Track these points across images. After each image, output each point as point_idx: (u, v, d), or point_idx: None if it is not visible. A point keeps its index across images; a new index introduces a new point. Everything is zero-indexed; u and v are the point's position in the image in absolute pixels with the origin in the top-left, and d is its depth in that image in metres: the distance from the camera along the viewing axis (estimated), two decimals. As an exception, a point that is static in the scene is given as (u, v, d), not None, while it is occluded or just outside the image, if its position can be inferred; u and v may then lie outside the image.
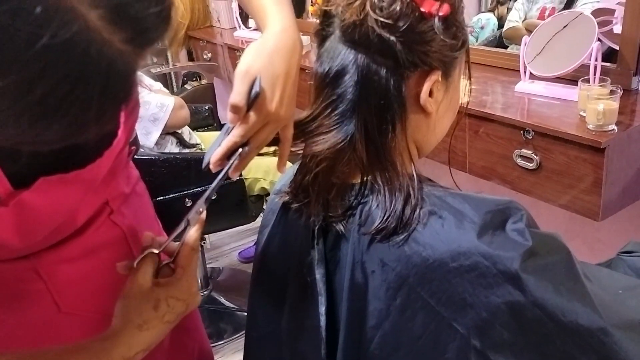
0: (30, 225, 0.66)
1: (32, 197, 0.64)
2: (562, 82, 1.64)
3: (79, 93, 0.42)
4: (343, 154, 0.73)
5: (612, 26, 1.62)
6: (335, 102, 0.73)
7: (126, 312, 0.68)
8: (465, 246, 0.65)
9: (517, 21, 2.46)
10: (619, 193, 1.41)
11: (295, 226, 0.80)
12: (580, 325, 0.64)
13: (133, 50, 0.44)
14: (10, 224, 0.64)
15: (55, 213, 0.69)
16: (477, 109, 1.58)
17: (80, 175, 0.69)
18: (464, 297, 0.65)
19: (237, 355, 2.26)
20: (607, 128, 1.35)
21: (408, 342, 0.68)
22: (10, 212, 0.63)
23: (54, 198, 0.67)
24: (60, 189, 0.67)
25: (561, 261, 0.67)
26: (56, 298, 0.76)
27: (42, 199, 0.65)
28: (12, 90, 0.39)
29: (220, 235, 2.86)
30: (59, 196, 0.68)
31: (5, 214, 0.63)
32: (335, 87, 0.73)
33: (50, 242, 0.75)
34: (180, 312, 0.71)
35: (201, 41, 3.33)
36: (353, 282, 0.72)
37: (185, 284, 0.71)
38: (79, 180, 0.70)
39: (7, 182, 0.63)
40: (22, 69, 0.39)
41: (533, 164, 1.47)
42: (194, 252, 0.72)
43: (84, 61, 0.41)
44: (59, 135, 0.44)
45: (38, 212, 0.66)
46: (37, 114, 0.41)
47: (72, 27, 0.39)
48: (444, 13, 0.69)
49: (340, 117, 0.73)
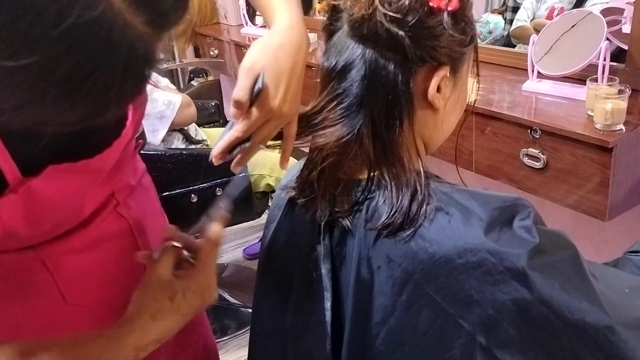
0: (38, 213, 0.66)
1: (41, 185, 0.64)
2: (570, 81, 1.63)
3: (102, 73, 0.43)
4: (349, 149, 0.72)
5: (621, 26, 1.61)
6: (341, 96, 0.73)
7: (142, 300, 0.69)
8: (472, 243, 0.65)
9: (525, 20, 2.45)
10: (626, 193, 1.40)
11: (301, 222, 0.80)
12: (587, 323, 0.64)
13: (152, 32, 0.45)
14: (19, 212, 0.64)
15: (62, 202, 0.70)
16: (484, 107, 1.57)
17: (89, 165, 0.70)
18: (470, 294, 0.65)
19: (241, 351, 2.26)
20: (615, 128, 1.34)
21: (413, 338, 0.68)
22: (19, 200, 0.63)
23: (62, 187, 0.68)
24: (68, 178, 0.68)
25: (568, 259, 0.67)
26: (62, 289, 0.76)
27: (50, 188, 0.66)
28: (38, 68, 0.40)
29: (225, 232, 2.86)
30: (67, 186, 0.68)
31: (14, 201, 0.63)
32: (341, 81, 0.73)
33: (57, 233, 0.75)
34: (196, 306, 0.71)
35: (208, 38, 3.33)
36: (359, 278, 0.72)
37: (204, 278, 0.72)
38: (87, 171, 0.70)
39: (17, 169, 0.63)
40: (48, 46, 0.40)
41: (540, 163, 1.47)
42: (215, 247, 0.73)
43: (108, 41, 0.42)
44: (81, 114, 0.45)
45: (46, 201, 0.66)
46: (62, 92, 0.42)
47: (98, 7, 0.40)
48: (453, 8, 0.68)
49: (345, 111, 0.73)
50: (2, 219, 0.63)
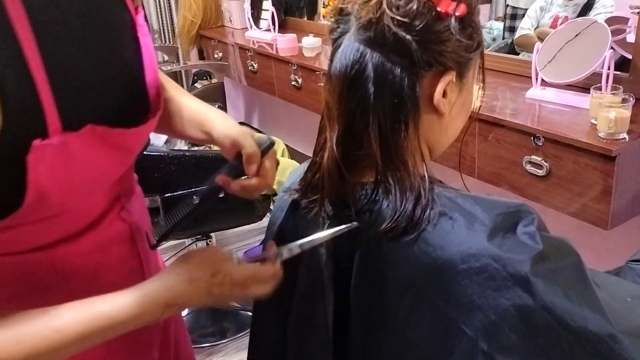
0: (67, 173, 0.66)
1: (77, 144, 0.66)
2: (573, 89, 1.63)
3: None
4: (354, 152, 0.72)
5: (626, 35, 1.61)
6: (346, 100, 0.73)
7: (189, 260, 0.72)
8: (475, 248, 0.65)
9: (529, 29, 2.46)
10: (629, 202, 1.40)
11: (304, 224, 0.80)
12: (589, 331, 0.63)
13: None
14: (52, 166, 0.64)
15: (90, 171, 0.70)
16: (488, 114, 1.57)
17: (124, 136, 0.72)
18: (473, 299, 0.65)
19: (240, 354, 2.26)
20: (619, 136, 1.34)
21: (415, 343, 0.68)
22: (54, 153, 0.64)
23: (94, 155, 0.69)
24: (102, 147, 0.69)
25: (571, 266, 0.67)
26: (70, 293, 0.76)
27: (84, 149, 0.67)
28: None
29: (226, 235, 2.87)
30: (99, 155, 0.70)
31: (50, 153, 0.63)
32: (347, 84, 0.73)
33: (70, 229, 0.76)
34: (226, 295, 0.73)
35: (212, 40, 3.34)
36: (362, 282, 0.72)
37: (250, 276, 0.73)
38: (120, 145, 0.73)
39: (59, 120, 0.64)
40: None
41: (542, 171, 1.47)
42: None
43: None
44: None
45: (78, 161, 0.67)
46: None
47: None
48: (460, 13, 0.68)
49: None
50: (37, 174, 0.63)
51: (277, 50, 2.65)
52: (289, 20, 3.17)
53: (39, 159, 0.62)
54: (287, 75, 2.56)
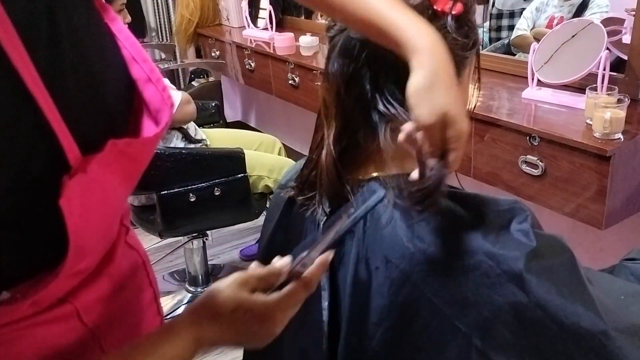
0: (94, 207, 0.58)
1: (100, 168, 0.56)
2: (569, 89, 1.64)
3: None
4: (350, 149, 0.73)
5: (621, 36, 1.62)
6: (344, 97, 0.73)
7: (213, 297, 0.63)
8: (469, 245, 0.65)
9: (525, 29, 2.46)
10: (623, 202, 1.41)
11: (300, 220, 0.80)
12: (582, 328, 0.64)
13: None
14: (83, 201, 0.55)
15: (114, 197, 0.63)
16: (484, 113, 1.58)
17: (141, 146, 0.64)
18: (467, 296, 0.65)
19: (235, 351, 2.25)
20: (614, 137, 1.35)
21: (410, 339, 0.69)
22: (82, 183, 0.54)
23: (115, 175, 0.60)
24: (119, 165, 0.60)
25: (565, 263, 0.67)
26: (102, 342, 0.69)
27: (106, 173, 0.58)
28: None
29: (222, 233, 2.87)
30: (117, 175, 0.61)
31: (78, 184, 0.53)
32: (344, 82, 0.73)
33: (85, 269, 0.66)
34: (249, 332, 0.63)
35: (210, 39, 3.34)
36: (356, 278, 0.72)
37: (273, 309, 0.63)
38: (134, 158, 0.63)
39: (77, 147, 0.54)
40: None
41: (538, 171, 1.47)
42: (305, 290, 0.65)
43: None
44: None
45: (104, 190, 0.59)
46: None
47: None
48: (456, 12, 0.69)
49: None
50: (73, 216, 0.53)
51: (274, 49, 2.65)
52: (287, 19, 3.17)
53: (71, 198, 0.53)
54: (284, 74, 2.56)
